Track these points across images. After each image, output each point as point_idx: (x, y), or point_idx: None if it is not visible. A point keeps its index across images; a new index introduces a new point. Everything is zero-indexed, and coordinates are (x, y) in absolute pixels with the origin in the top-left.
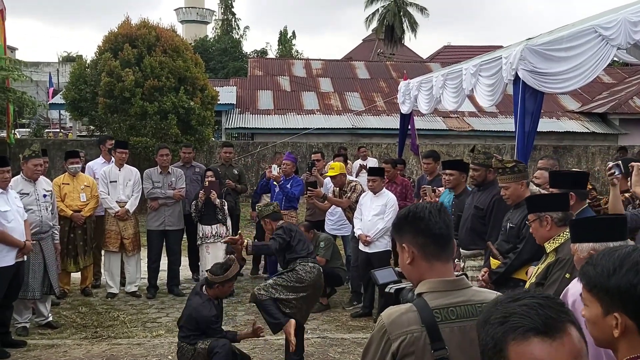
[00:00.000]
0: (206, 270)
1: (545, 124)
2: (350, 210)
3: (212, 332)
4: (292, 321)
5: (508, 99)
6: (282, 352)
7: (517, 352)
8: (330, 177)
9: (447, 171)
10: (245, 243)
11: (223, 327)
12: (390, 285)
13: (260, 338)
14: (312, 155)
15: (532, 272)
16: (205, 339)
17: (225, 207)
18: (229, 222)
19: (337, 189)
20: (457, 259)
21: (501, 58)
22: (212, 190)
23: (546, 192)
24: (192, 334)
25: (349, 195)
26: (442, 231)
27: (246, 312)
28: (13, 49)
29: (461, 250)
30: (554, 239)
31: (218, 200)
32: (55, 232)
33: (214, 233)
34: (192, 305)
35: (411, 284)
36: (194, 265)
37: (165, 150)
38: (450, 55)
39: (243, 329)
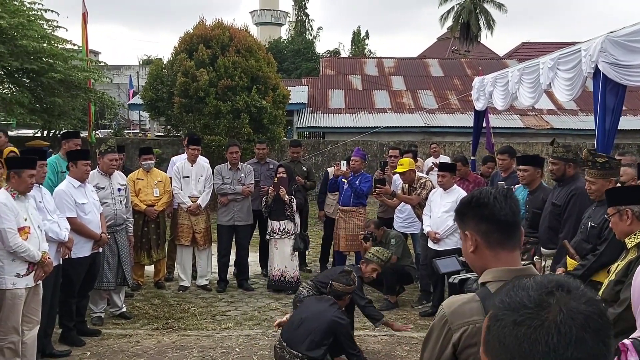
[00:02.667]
0: (333, 281)
1: (628, 122)
2: (419, 207)
3: (348, 346)
4: None
5: (589, 96)
6: None
7: None
8: (399, 173)
9: (522, 167)
10: None
11: None
12: (455, 276)
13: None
14: (390, 151)
15: (612, 269)
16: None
17: (294, 204)
18: (297, 219)
19: (407, 185)
20: (536, 257)
21: (580, 51)
22: (281, 186)
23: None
24: (324, 347)
25: (418, 192)
26: (508, 218)
27: None
28: (96, 53)
29: (541, 248)
30: (635, 234)
31: (287, 196)
32: (129, 225)
33: (281, 229)
34: (331, 315)
35: (477, 275)
36: (264, 261)
37: (235, 148)
38: (528, 53)
39: None
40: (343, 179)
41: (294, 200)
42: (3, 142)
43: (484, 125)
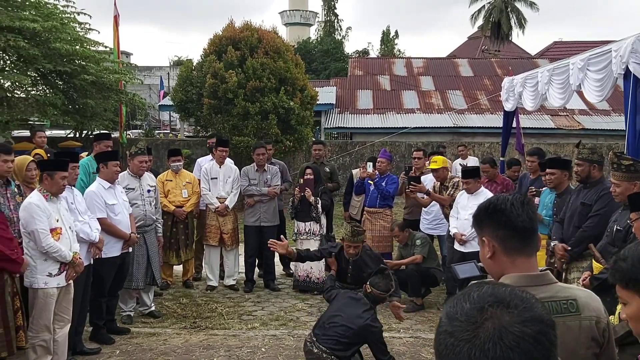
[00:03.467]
0: (370, 285)
1: None
2: (449, 207)
3: (379, 350)
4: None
5: (622, 96)
6: None
7: None
8: (432, 170)
9: (548, 170)
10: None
11: None
12: (473, 281)
13: None
14: (414, 153)
15: None
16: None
17: (319, 205)
18: (323, 220)
19: (438, 183)
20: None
21: (611, 51)
22: (307, 187)
23: None
24: (352, 349)
25: (451, 192)
26: (525, 224)
27: None
28: (128, 54)
29: None
30: None
31: (312, 197)
32: (159, 225)
33: (307, 230)
34: (364, 320)
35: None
36: (284, 259)
37: (262, 149)
38: (560, 52)
39: None
40: (369, 181)
41: (319, 202)
42: (43, 142)
43: (514, 125)
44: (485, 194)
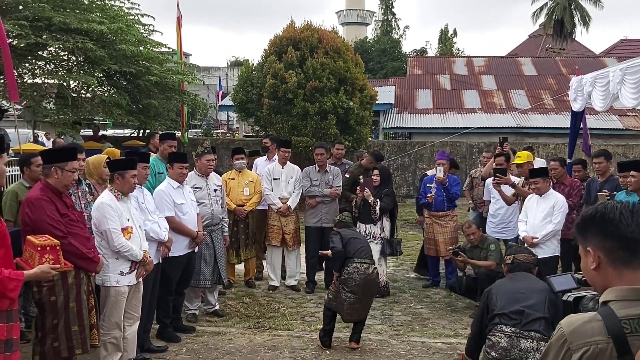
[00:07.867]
0: (514, 255)
1: None
2: None
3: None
4: None
5: None
6: (440, 355)
7: None
8: (517, 165)
9: (633, 172)
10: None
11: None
12: (569, 294)
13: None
14: (484, 154)
15: None
16: None
17: (377, 207)
18: (386, 224)
19: (522, 178)
20: None
21: None
22: (365, 187)
23: None
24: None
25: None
26: (635, 235)
27: (402, 313)
28: (187, 55)
29: None
30: None
31: (372, 198)
32: (225, 224)
33: (367, 232)
34: (543, 284)
35: (592, 293)
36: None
37: (321, 150)
38: (627, 50)
39: (399, 329)
40: (428, 184)
41: (378, 203)
42: (158, 143)
43: (581, 126)
44: (555, 196)
